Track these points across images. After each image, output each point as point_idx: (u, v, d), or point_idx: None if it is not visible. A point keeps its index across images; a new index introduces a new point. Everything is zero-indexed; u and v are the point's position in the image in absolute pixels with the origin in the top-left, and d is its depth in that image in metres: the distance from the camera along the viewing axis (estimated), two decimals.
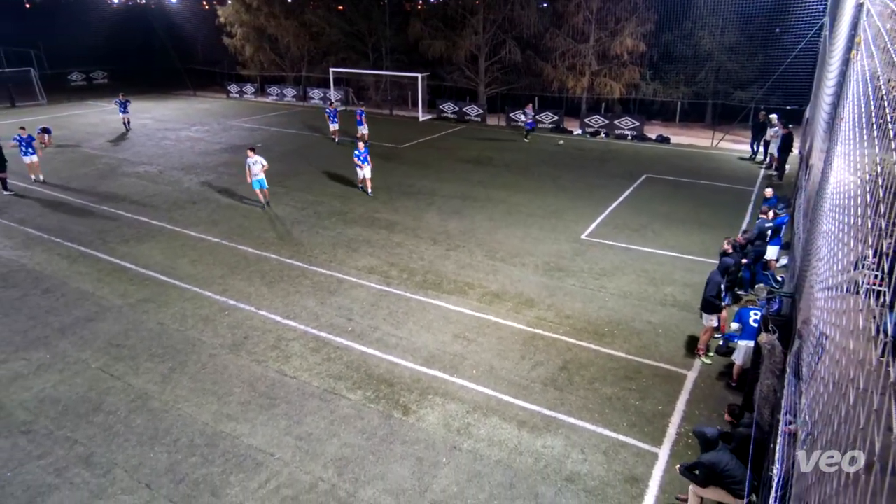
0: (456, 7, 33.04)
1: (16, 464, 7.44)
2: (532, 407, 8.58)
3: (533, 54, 31.79)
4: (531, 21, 30.85)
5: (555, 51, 30.84)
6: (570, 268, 13.32)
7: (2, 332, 10.52)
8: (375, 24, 36.20)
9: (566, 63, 30.82)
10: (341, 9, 37.93)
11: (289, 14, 38.17)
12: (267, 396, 8.80)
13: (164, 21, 45.67)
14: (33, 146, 19.04)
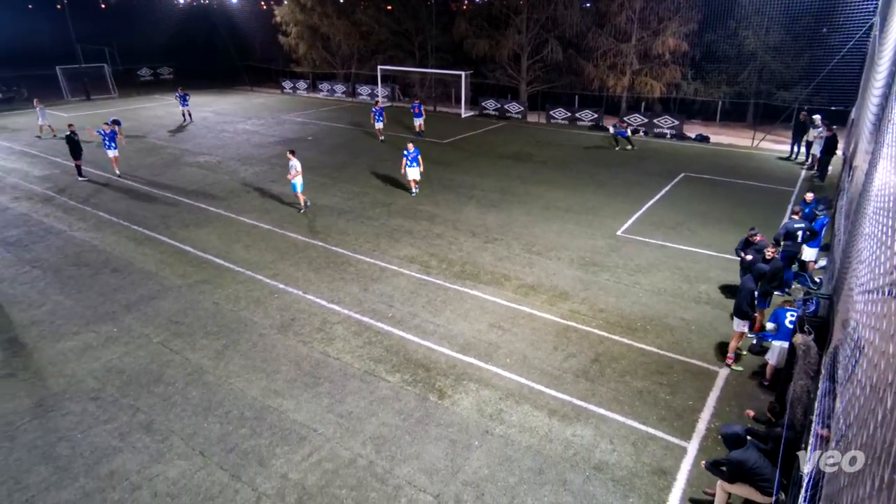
0: (500, 7, 32.71)
1: (85, 427, 7.83)
2: (563, 396, 8.51)
3: (574, 53, 31.23)
4: (574, 20, 30.28)
5: (596, 50, 30.23)
6: (604, 263, 13.10)
7: (75, 306, 11.05)
8: (422, 23, 36.21)
9: (607, 62, 30.18)
10: (390, 8, 38.07)
11: (340, 13, 38.55)
12: (311, 375, 8.98)
13: (225, 20, 46.74)
14: (115, 141, 19.24)
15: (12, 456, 7.30)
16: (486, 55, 32.94)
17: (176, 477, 6.98)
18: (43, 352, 9.56)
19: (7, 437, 7.61)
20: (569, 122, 30.37)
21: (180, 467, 7.14)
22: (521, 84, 33.59)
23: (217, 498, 6.69)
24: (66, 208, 16.48)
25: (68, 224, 15.23)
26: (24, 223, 15.29)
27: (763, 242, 10.62)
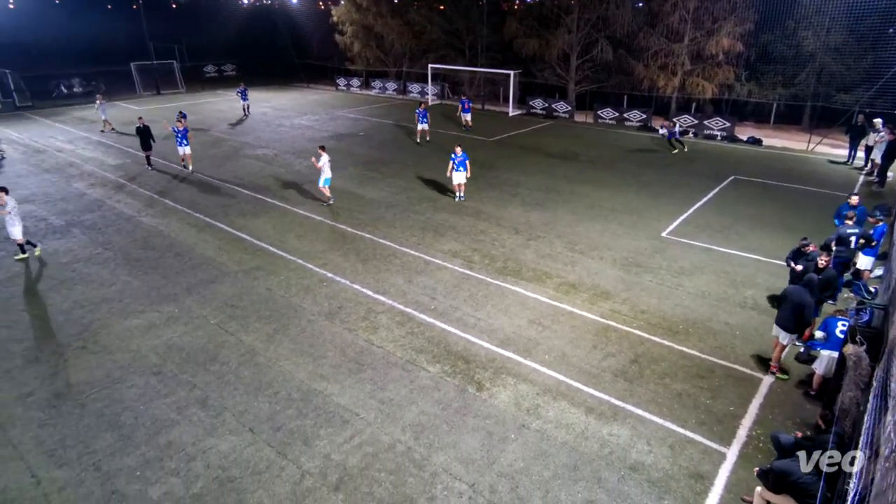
0: (551, 7, 32.23)
1: (147, 399, 8.23)
2: (601, 395, 8.37)
3: (625, 53, 30.46)
4: (625, 20, 29.52)
5: (647, 50, 29.38)
6: (648, 264, 12.78)
7: (141, 287, 11.60)
8: (473, 22, 36.08)
9: (658, 62, 29.30)
10: (442, 8, 38.10)
11: (394, 13, 38.86)
12: (356, 362, 9.15)
13: (286, 19, 47.84)
14: (188, 138, 19.38)
15: (83, 422, 7.74)
16: (536, 54, 32.54)
17: (227, 451, 7.26)
18: (112, 328, 10.08)
19: (78, 405, 8.08)
20: (616, 122, 29.69)
21: (231, 442, 7.41)
22: (569, 84, 33.03)
23: (264, 473, 6.91)
24: (135, 195, 17.29)
25: (137, 210, 15.98)
26: (99, 208, 16.14)
27: (815, 253, 10.00)
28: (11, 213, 12.35)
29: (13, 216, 12.41)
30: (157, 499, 6.53)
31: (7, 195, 12.45)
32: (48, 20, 47.86)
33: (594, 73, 32.09)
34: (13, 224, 12.47)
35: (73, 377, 8.70)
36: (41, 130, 26.86)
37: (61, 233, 14.31)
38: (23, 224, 12.80)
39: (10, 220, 12.43)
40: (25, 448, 7.28)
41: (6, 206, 12.31)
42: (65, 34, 46.25)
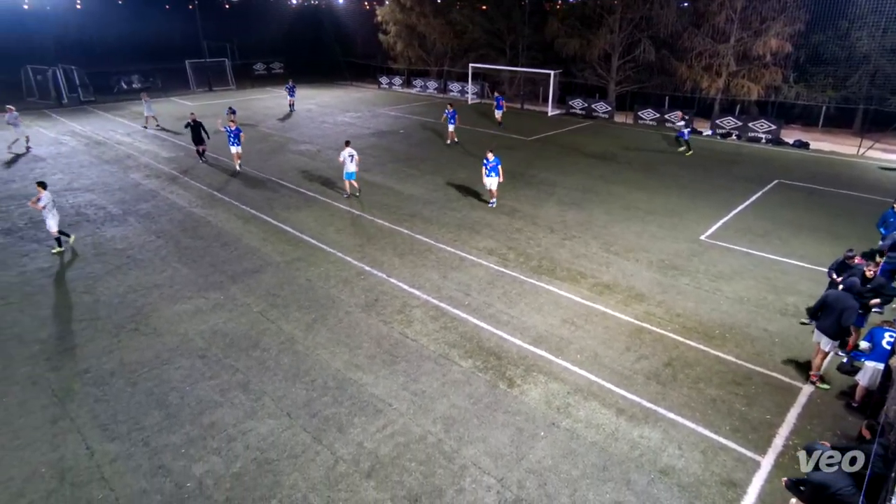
0: (594, 6, 31.67)
1: (193, 381, 8.52)
2: (632, 397, 8.22)
3: (668, 53, 29.69)
4: (669, 20, 28.76)
5: (691, 50, 28.57)
6: (685, 267, 12.45)
7: (190, 274, 12.00)
8: (515, 22, 35.82)
9: (702, 63, 28.45)
10: (484, 8, 37.94)
11: (437, 13, 38.94)
12: (390, 353, 9.24)
13: (332, 19, 48.56)
14: (240, 138, 19.24)
15: (133, 400, 8.08)
16: (577, 54, 32.08)
17: (266, 433, 7.45)
18: (162, 312, 10.47)
19: (130, 383, 8.43)
20: (657, 123, 29.01)
21: (270, 425, 7.61)
22: (609, 84, 32.43)
23: (300, 457, 7.07)
24: (187, 187, 17.88)
25: (188, 201, 16.52)
26: (153, 198, 16.77)
27: (861, 266, 9.48)
28: (46, 208, 12.54)
29: (48, 210, 12.59)
30: (200, 476, 6.77)
31: (45, 190, 12.66)
32: (111, 19, 49.93)
33: (635, 74, 31.42)
34: (49, 217, 12.68)
35: (125, 357, 9.08)
36: (102, 124, 28.06)
37: (118, 221, 14.94)
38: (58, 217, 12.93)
39: (46, 214, 12.64)
40: (82, 421, 7.65)
41: (41, 200, 12.51)
42: (126, 33, 48.16)
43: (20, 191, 17.18)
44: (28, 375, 8.60)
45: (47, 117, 29.55)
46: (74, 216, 15.17)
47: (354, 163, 16.48)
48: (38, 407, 7.92)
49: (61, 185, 17.89)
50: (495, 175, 15.75)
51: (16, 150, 21.97)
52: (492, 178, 15.82)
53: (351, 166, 16.45)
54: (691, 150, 23.02)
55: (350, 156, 16.34)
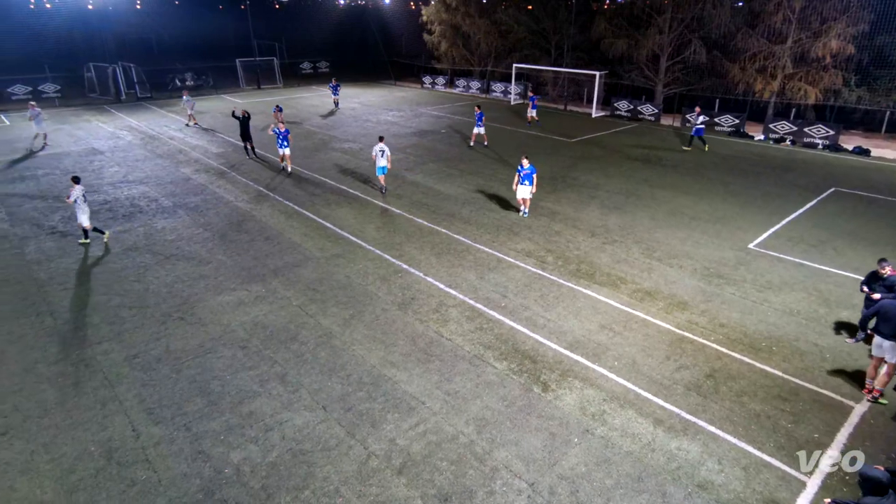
0: (643, 6, 30.99)
1: (234, 370, 8.78)
2: (671, 407, 8.00)
3: (719, 55, 28.77)
4: (723, 20, 27.84)
5: (745, 51, 27.60)
6: (731, 276, 12.04)
7: (234, 266, 12.38)
8: (560, 22, 35.41)
9: (756, 65, 27.44)
10: (530, 8, 37.66)
11: (482, 13, 38.89)
12: (424, 352, 9.29)
13: (377, 19, 49.16)
14: (288, 140, 18.99)
15: (177, 386, 8.40)
16: (623, 55, 31.46)
17: (301, 425, 7.61)
18: (206, 302, 10.84)
19: (175, 370, 8.76)
20: (706, 126, 28.11)
21: (305, 417, 7.77)
22: (657, 85, 31.68)
23: (333, 450, 7.19)
24: (234, 182, 18.45)
25: (235, 196, 17.04)
26: (202, 192, 17.37)
27: (894, 277, 8.97)
28: (77, 202, 12.83)
29: (79, 204, 12.87)
30: (237, 463, 6.97)
31: (77, 185, 12.93)
32: (169, 19, 52.02)
33: (685, 75, 30.60)
34: (80, 212, 12.97)
35: (171, 344, 9.44)
36: (157, 119, 29.24)
37: (169, 213, 15.54)
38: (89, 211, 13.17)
39: (77, 208, 12.95)
40: (129, 404, 8.00)
41: (71, 195, 12.81)
42: (182, 32, 50.08)
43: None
44: (82, 358, 9.05)
45: (106, 112, 31.01)
46: (129, 207, 15.87)
47: (386, 158, 16.73)
48: (91, 389, 8.32)
49: (117, 177, 18.74)
50: (529, 183, 14.83)
51: (33, 147, 22.30)
52: (525, 187, 14.90)
53: (382, 161, 16.71)
54: (707, 146, 23.51)
55: (381, 151, 16.60)
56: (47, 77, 34.28)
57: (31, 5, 48.87)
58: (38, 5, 49.66)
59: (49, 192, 17.03)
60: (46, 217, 15.07)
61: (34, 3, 49.73)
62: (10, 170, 19.37)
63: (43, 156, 21.35)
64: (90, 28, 45.45)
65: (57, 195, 16.75)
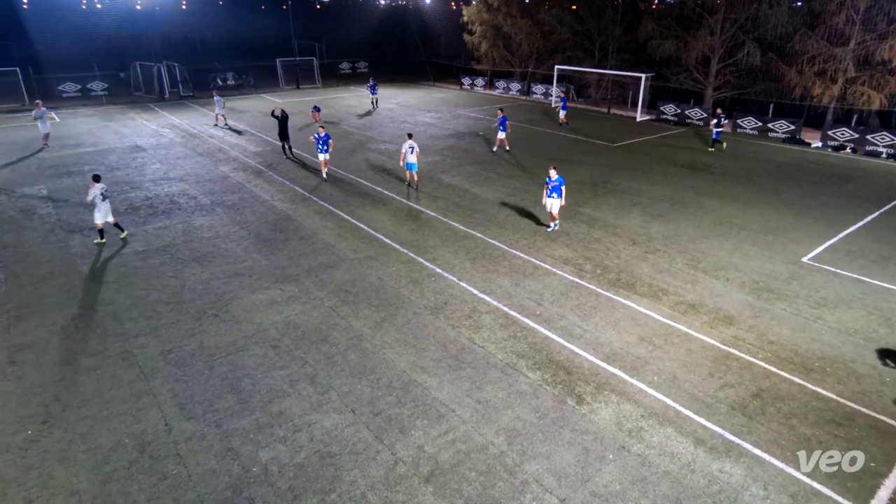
0: (694, 6, 30.31)
1: (265, 368, 8.97)
2: (713, 427, 7.76)
3: (775, 57, 27.86)
4: (779, 21, 26.97)
5: (803, 54, 26.64)
6: (782, 291, 11.62)
7: (268, 265, 12.66)
8: (605, 23, 35.00)
9: (815, 68, 26.45)
10: (574, 8, 37.34)
11: (525, 13, 38.77)
12: (456, 358, 9.28)
13: (418, 19, 49.62)
14: (329, 145, 18.86)
15: (210, 383, 8.63)
16: (672, 57, 30.83)
17: (329, 427, 7.71)
18: (240, 300, 11.11)
19: (208, 367, 9.01)
20: (759, 132, 27.28)
21: (334, 420, 7.86)
22: (706, 89, 30.92)
23: (361, 454, 7.25)
24: (271, 181, 18.89)
25: (271, 195, 17.44)
26: (239, 190, 17.85)
27: None
28: (94, 200, 13.18)
29: (97, 203, 13.21)
30: (265, 462, 7.11)
31: (97, 183, 13.28)
32: (212, 19, 53.81)
33: (737, 79, 29.77)
34: (96, 210, 13.29)
35: (205, 341, 9.72)
36: (198, 118, 30.22)
37: (207, 211, 16.02)
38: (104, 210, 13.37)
39: (97, 204, 13.26)
40: (163, 399, 8.26)
41: (89, 194, 13.21)
42: (225, 32, 51.68)
43: (123, 178, 18.86)
44: (120, 351, 9.41)
45: (150, 110, 32.25)
46: (168, 204, 16.44)
47: (414, 154, 17.43)
48: (127, 381, 8.64)
49: (158, 174, 19.45)
50: (557, 196, 14.19)
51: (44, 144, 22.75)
52: (553, 200, 14.27)
53: (411, 157, 17.43)
54: (725, 144, 24.16)
55: (410, 148, 17.31)
56: (96, 76, 35.90)
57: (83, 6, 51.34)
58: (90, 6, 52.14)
59: None
60: (91, 212, 15.73)
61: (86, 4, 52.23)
62: (59, 165, 20.34)
63: (90, 152, 22.35)
64: (138, 28, 47.43)
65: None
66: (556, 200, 14.29)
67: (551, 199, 14.33)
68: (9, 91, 32.39)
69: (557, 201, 14.30)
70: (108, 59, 40.89)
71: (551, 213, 14.58)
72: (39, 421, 7.80)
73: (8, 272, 12.20)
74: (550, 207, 14.49)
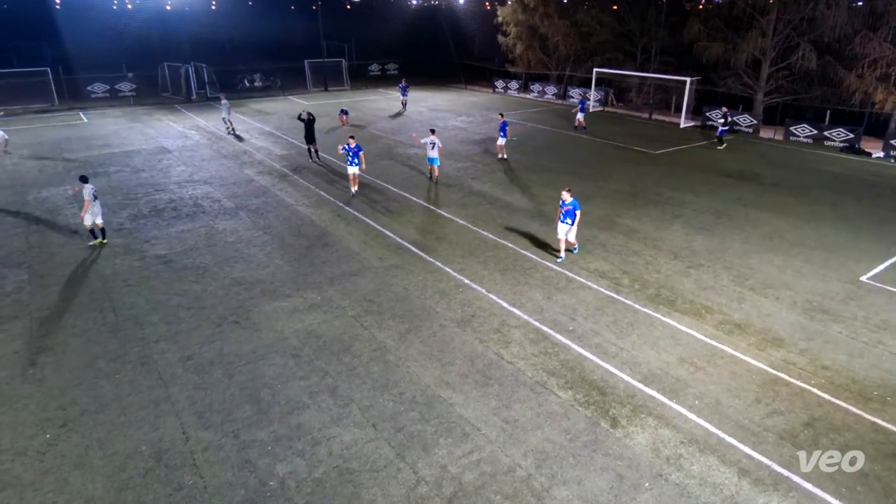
0: (744, 7, 29.82)
1: (285, 379, 9.08)
2: (760, 458, 7.52)
3: (833, 60, 27.18)
4: (837, 22, 26.30)
5: (864, 57, 25.95)
6: (838, 312, 11.24)
7: (291, 272, 12.84)
8: (649, 24, 34.68)
9: (877, 72, 25.71)
10: (615, 8, 37.12)
11: (562, 14, 38.71)
12: (483, 374, 9.23)
13: (450, 20, 50.04)
14: (360, 157, 17.63)
15: (228, 391, 8.77)
16: (719, 60, 30.35)
17: (349, 442, 7.74)
18: (262, 307, 11.29)
19: (227, 375, 9.17)
20: (813, 140, 26.58)
21: (354, 434, 7.89)
22: (757, 94, 30.33)
23: (381, 472, 7.26)
24: (296, 185, 19.21)
25: (295, 199, 17.73)
26: (263, 194, 18.19)
27: None
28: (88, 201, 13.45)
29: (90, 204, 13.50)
30: (283, 476, 7.17)
31: (86, 184, 13.61)
32: (241, 20, 55.31)
33: (790, 83, 29.13)
34: (88, 212, 13.56)
35: (225, 348, 9.89)
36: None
37: (230, 214, 16.37)
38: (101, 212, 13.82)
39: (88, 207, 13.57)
40: (181, 406, 8.43)
41: (84, 195, 13.45)
42: (253, 33, 53.03)
43: (148, 180, 19.43)
44: (139, 356, 9.65)
45: (177, 112, 33.23)
46: (192, 207, 16.86)
47: (436, 150, 18.69)
48: (146, 387, 8.85)
49: (183, 176, 19.98)
50: (571, 222, 13.02)
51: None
52: (565, 227, 13.13)
53: (432, 153, 18.74)
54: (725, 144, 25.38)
55: (432, 143, 18.60)
56: (125, 76, 37.19)
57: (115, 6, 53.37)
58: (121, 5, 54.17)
59: (118, 189, 18.38)
60: (115, 213, 16.26)
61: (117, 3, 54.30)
62: (86, 165, 21.08)
63: (117, 153, 23.11)
64: (167, 28, 49.04)
65: (126, 192, 18.06)
66: (567, 227, 13.13)
67: (564, 226, 13.15)
68: (39, 92, 33.79)
69: (570, 228, 13.13)
70: (137, 59, 42.31)
71: (563, 239, 13.37)
72: (58, 425, 8.04)
73: (32, 273, 12.66)
74: (562, 234, 13.30)
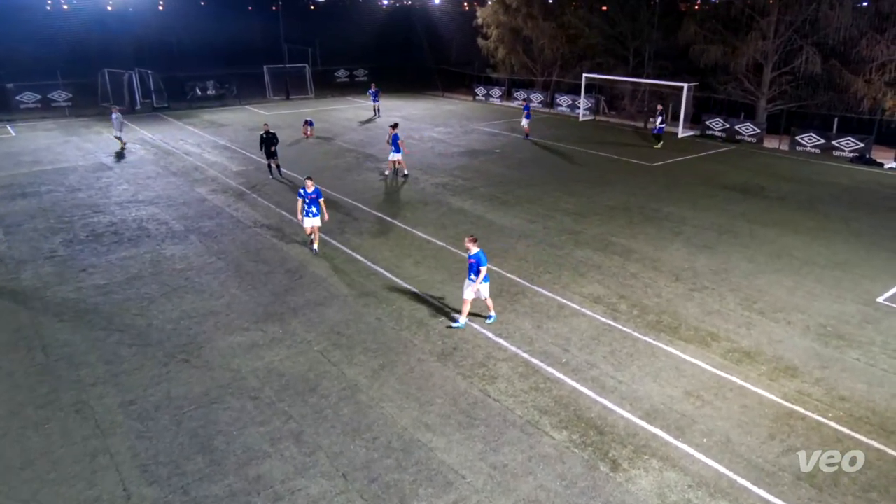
0: (742, 7, 30.85)
1: (241, 425, 8.91)
2: (776, 501, 7.57)
3: (838, 64, 28.16)
4: (842, 23, 27.32)
5: (871, 61, 26.94)
6: (855, 337, 11.46)
7: (249, 302, 12.70)
8: (641, 25, 35.65)
9: (886, 77, 26.67)
10: (605, 9, 38.09)
11: (548, 15, 39.61)
12: (467, 414, 9.18)
13: (425, 22, 50.78)
14: (319, 204, 14.73)
15: (177, 440, 8.57)
16: (718, 64, 31.26)
17: (317, 496, 7.59)
18: (215, 343, 11.12)
19: (175, 422, 8.96)
20: (821, 150, 27.37)
21: (322, 486, 7.75)
22: (759, 101, 31.21)
23: None
24: (254, 205, 19.12)
25: (254, 220, 17.64)
26: (217, 215, 18.06)
27: None
28: None
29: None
30: None
31: None
32: (192, 21, 55.31)
33: (794, 89, 30.06)
34: None
35: (173, 390, 9.69)
36: (173, 132, 30.86)
37: (179, 238, 16.20)
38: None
39: None
40: (121, 458, 8.20)
41: None
42: (206, 36, 53.02)
43: (85, 200, 19.18)
44: (73, 402, 9.39)
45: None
46: (136, 230, 16.65)
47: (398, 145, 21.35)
48: (80, 438, 8.60)
49: (125, 196, 19.76)
50: (475, 278, 11.14)
51: None
52: (472, 285, 11.26)
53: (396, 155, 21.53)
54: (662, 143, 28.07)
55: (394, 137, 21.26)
56: (58, 84, 36.86)
57: (48, 6, 53.10)
58: (55, 7, 53.90)
59: (51, 212, 18.09)
60: (47, 239, 15.97)
61: (51, 4, 54.04)
62: (13, 185, 20.75)
63: (49, 170, 22.80)
64: (108, 31, 48.85)
65: (60, 214, 17.78)
66: (475, 284, 11.21)
67: (469, 283, 11.33)
68: None
69: (482, 284, 11.26)
70: (74, 65, 41.97)
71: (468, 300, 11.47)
72: None
73: None
74: (470, 294, 11.38)
